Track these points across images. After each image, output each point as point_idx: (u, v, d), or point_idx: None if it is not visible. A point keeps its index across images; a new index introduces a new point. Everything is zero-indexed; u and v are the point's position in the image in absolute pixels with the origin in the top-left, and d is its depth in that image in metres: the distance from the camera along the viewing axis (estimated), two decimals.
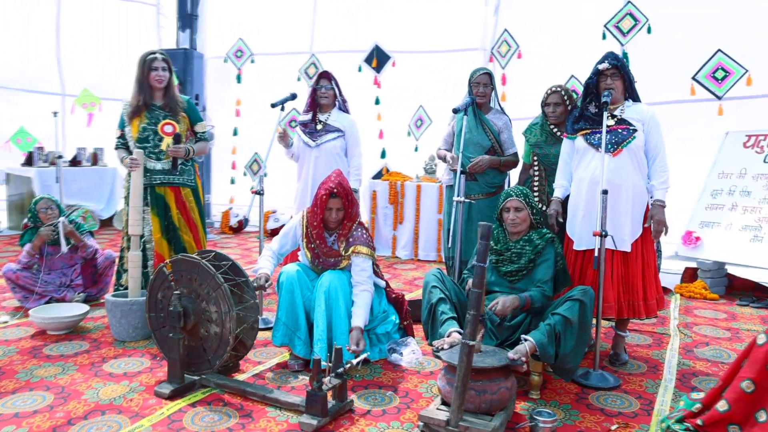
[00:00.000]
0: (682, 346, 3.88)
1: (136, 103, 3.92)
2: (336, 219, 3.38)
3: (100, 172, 8.23)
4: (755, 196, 5.16)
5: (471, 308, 2.42)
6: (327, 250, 3.41)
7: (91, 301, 4.50)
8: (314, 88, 4.45)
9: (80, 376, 3.17)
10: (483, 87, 3.96)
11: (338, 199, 3.34)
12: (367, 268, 3.39)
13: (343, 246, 3.39)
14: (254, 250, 7.01)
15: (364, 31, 7.68)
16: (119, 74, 8.72)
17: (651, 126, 3.42)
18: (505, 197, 3.24)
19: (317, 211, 3.36)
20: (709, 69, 5.80)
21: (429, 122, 7.34)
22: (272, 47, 8.33)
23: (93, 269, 4.51)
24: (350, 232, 3.42)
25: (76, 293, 4.40)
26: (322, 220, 3.37)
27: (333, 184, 3.33)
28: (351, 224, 3.43)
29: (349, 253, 3.37)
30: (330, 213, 3.36)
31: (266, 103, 8.17)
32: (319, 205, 3.34)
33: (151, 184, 3.93)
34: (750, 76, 5.61)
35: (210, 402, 2.89)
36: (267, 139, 8.16)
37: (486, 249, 2.41)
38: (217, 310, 2.95)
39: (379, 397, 3.00)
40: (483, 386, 2.57)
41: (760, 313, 4.74)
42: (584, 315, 2.87)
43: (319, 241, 3.41)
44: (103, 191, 8.21)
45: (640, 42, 6.05)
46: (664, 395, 3.09)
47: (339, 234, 3.42)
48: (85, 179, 7.98)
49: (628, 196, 3.36)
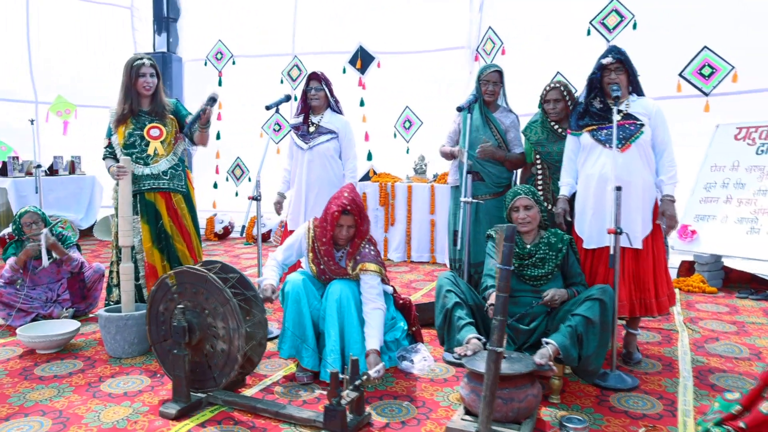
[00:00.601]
0: (692, 342, 3.82)
1: (122, 111, 3.73)
2: (346, 236, 3.21)
3: (78, 180, 7.94)
4: (749, 188, 5.14)
5: (497, 314, 2.30)
6: (335, 267, 3.24)
7: (80, 316, 4.29)
8: (304, 90, 4.30)
9: (77, 398, 2.97)
10: (492, 85, 3.85)
11: (351, 216, 3.17)
12: (376, 286, 3.22)
13: (350, 265, 3.23)
14: (243, 257, 6.82)
15: (348, 32, 7.54)
16: (94, 80, 8.46)
17: (657, 120, 3.35)
18: (513, 196, 3.14)
19: (327, 228, 3.18)
20: (696, 66, 5.79)
21: (419, 123, 7.23)
22: (253, 49, 8.15)
23: (81, 284, 4.29)
24: (358, 249, 3.25)
25: (64, 309, 4.18)
26: (332, 237, 3.20)
27: (346, 201, 3.15)
28: (360, 242, 3.25)
29: (356, 272, 3.20)
30: (341, 230, 3.18)
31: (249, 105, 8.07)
32: (330, 221, 3.16)
33: (140, 190, 3.74)
34: (736, 72, 5.62)
35: (220, 421, 2.73)
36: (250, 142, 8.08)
37: (511, 251, 2.29)
38: (225, 326, 2.79)
39: (396, 408, 2.86)
40: (510, 394, 2.46)
41: (761, 305, 4.72)
42: (605, 314, 2.78)
43: (327, 258, 3.23)
44: (82, 201, 7.92)
45: (626, 38, 6.00)
46: (685, 394, 3.02)
47: (348, 252, 3.25)
48: (62, 189, 7.68)
49: (638, 193, 3.28)
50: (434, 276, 5.79)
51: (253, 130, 8.10)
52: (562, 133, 3.72)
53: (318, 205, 4.24)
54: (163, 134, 3.72)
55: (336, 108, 4.38)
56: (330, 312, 3.16)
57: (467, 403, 2.54)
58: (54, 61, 8.32)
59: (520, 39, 6.58)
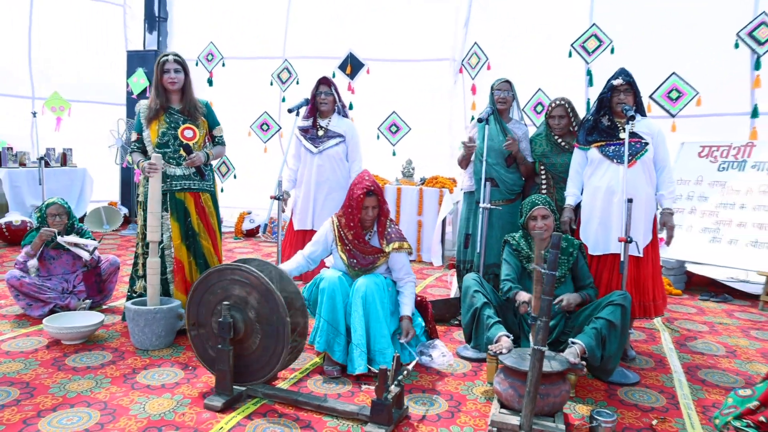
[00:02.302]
0: (675, 341, 3.96)
1: (154, 107, 3.60)
2: (372, 217, 3.28)
3: (70, 173, 7.62)
4: (712, 201, 5.37)
5: (542, 315, 2.34)
6: (365, 247, 3.29)
7: (95, 308, 4.13)
8: (314, 94, 4.24)
9: (117, 389, 2.86)
10: (504, 93, 3.89)
11: (374, 197, 3.25)
12: (407, 262, 3.37)
13: (384, 243, 3.30)
14: (236, 251, 6.68)
15: (338, 39, 7.45)
16: (88, 76, 8.14)
17: (659, 140, 3.47)
18: (531, 206, 3.18)
19: (354, 212, 3.24)
20: (665, 89, 6.00)
21: (407, 129, 7.21)
22: (244, 51, 7.96)
23: (97, 276, 4.12)
24: (386, 228, 3.34)
25: (81, 300, 4.01)
26: (359, 220, 3.25)
27: (369, 182, 3.25)
28: (386, 221, 3.34)
29: (390, 249, 3.28)
30: (366, 212, 3.25)
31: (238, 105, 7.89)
32: (356, 205, 3.22)
33: (171, 190, 3.63)
34: (700, 97, 5.85)
35: (264, 414, 2.68)
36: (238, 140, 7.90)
37: (556, 258, 2.33)
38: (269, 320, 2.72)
39: (428, 402, 2.87)
40: (546, 390, 2.50)
41: (722, 307, 4.94)
42: (625, 319, 2.86)
43: (358, 240, 3.28)
44: (73, 192, 7.60)
45: (604, 62, 6.17)
46: (682, 389, 3.14)
47: (378, 232, 3.33)
48: (54, 180, 7.34)
49: (641, 205, 3.38)
50: (423, 274, 5.82)
51: (241, 130, 7.94)
52: (565, 146, 3.80)
53: (326, 207, 4.20)
54: (197, 136, 3.61)
55: (343, 112, 4.34)
56: (356, 308, 3.15)
57: (504, 398, 2.57)
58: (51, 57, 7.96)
59: (503, 55, 6.64)
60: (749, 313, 4.78)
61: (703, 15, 5.76)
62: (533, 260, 3.18)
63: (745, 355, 3.75)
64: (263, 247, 7.01)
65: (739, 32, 5.62)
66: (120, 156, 7.64)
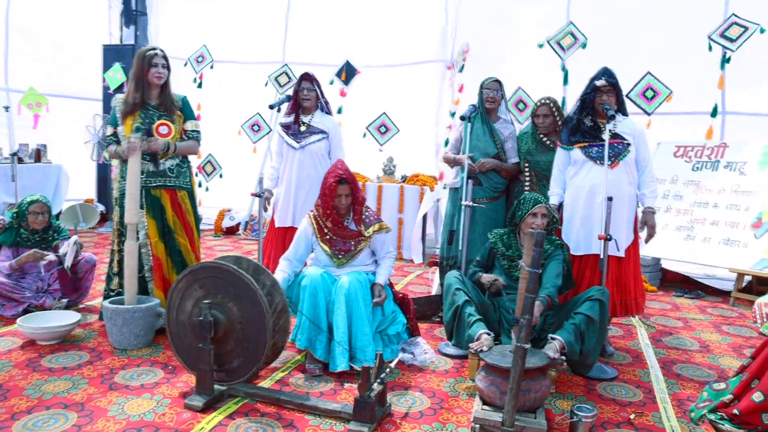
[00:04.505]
0: (651, 336, 4.02)
1: (132, 101, 3.52)
2: (346, 205, 3.31)
3: (44, 169, 7.42)
4: (686, 200, 5.47)
5: (525, 313, 2.35)
6: (345, 231, 3.33)
7: (72, 307, 4.04)
8: (296, 90, 4.20)
9: (95, 390, 2.80)
10: (493, 92, 3.90)
11: (347, 185, 3.28)
12: (387, 240, 3.46)
13: (362, 228, 3.34)
14: (216, 249, 6.60)
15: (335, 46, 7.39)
16: (67, 70, 7.94)
17: (641, 140, 3.50)
18: (534, 203, 3.17)
19: (327, 200, 3.27)
20: (641, 88, 6.08)
21: (395, 130, 7.19)
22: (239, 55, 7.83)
23: (73, 275, 4.03)
24: (363, 215, 3.38)
25: (56, 299, 3.92)
26: (333, 206, 3.28)
27: (341, 171, 3.29)
28: (361, 208, 3.38)
29: (370, 232, 3.33)
30: (340, 199, 3.28)
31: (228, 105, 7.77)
32: (329, 193, 3.26)
33: (147, 186, 3.56)
34: (671, 96, 5.94)
35: (246, 413, 2.64)
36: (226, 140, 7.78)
37: (539, 256, 2.34)
38: (249, 319, 2.69)
39: (411, 399, 2.87)
40: (528, 386, 2.51)
41: (696, 303, 5.03)
42: (603, 314, 2.89)
43: (336, 226, 3.32)
44: (48, 189, 7.40)
45: (579, 59, 6.22)
46: (658, 383, 3.18)
47: (354, 219, 3.37)
48: (28, 177, 7.15)
49: (624, 206, 3.41)
50: (404, 271, 5.82)
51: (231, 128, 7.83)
52: (549, 144, 3.82)
53: (307, 203, 4.16)
54: (172, 132, 3.54)
55: (326, 108, 4.31)
56: (338, 305, 3.13)
57: (486, 395, 2.57)
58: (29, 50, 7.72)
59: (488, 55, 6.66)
60: (720, 308, 4.88)
61: (676, 15, 5.85)
62: (508, 257, 3.20)
63: (718, 349, 3.82)
64: (243, 244, 6.94)
65: (710, 35, 5.71)
66: (96, 152, 7.49)
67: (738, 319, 4.58)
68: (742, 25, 5.58)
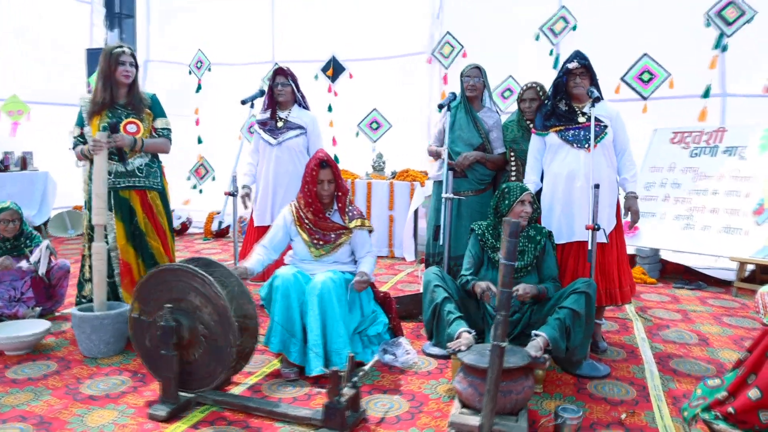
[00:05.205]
0: (647, 330, 3.86)
1: (100, 101, 3.39)
2: (329, 192, 3.16)
3: (31, 176, 7.33)
4: (685, 187, 5.29)
5: (501, 309, 2.20)
6: (327, 223, 3.19)
7: (46, 315, 3.92)
8: (270, 85, 4.07)
9: (57, 401, 2.68)
10: (473, 79, 3.75)
11: (329, 169, 3.13)
12: (368, 238, 3.32)
13: (346, 219, 3.21)
14: (203, 252, 6.48)
15: (321, 41, 7.25)
16: (49, 76, 7.84)
17: (618, 123, 3.36)
18: (522, 190, 3.02)
19: (310, 187, 3.14)
20: (636, 71, 5.90)
21: (388, 126, 7.04)
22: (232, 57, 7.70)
23: (46, 282, 3.91)
24: (347, 206, 3.24)
25: (29, 308, 3.80)
26: (316, 194, 3.14)
27: (322, 155, 3.16)
28: (345, 197, 3.24)
29: (353, 225, 3.19)
30: (322, 185, 3.13)
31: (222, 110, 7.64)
32: (311, 180, 3.12)
33: (115, 188, 3.43)
34: (672, 79, 5.76)
35: (212, 422, 2.51)
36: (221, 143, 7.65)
37: (515, 247, 2.19)
38: (215, 323, 2.56)
39: (388, 403, 2.73)
40: (508, 387, 2.36)
41: (696, 294, 4.86)
42: (590, 307, 2.73)
43: (318, 217, 3.18)
44: (35, 197, 7.31)
45: (570, 43, 6.04)
46: (653, 380, 3.02)
47: (339, 209, 3.24)
48: (13, 185, 7.07)
49: (604, 190, 3.25)
50: (395, 269, 5.68)
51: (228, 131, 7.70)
52: None
53: (286, 200, 4.02)
54: (141, 131, 3.41)
55: (303, 103, 4.18)
56: (311, 306, 2.98)
57: (464, 398, 2.43)
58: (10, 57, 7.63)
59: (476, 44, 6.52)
60: (722, 299, 4.71)
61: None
62: (499, 250, 3.04)
63: (718, 342, 3.65)
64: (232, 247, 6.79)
65: (708, 11, 5.53)
66: None
67: (740, 309, 4.41)
68: (739, 6, 5.39)
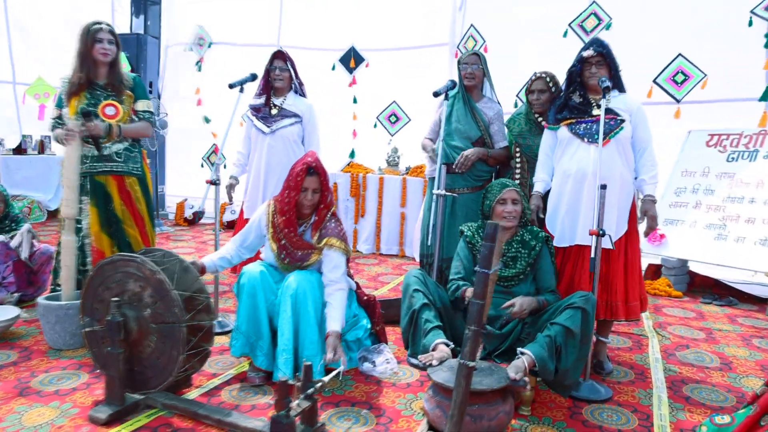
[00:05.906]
0: (663, 349, 3.49)
1: (77, 81, 3.23)
2: (311, 202, 2.80)
3: (47, 160, 7.35)
4: (719, 194, 4.85)
5: (471, 322, 1.91)
6: (297, 240, 2.81)
7: (27, 301, 3.80)
8: (267, 69, 3.83)
9: (2, 395, 2.51)
10: (471, 67, 3.45)
11: (316, 177, 2.78)
12: (341, 265, 2.82)
13: (316, 237, 2.83)
14: (210, 243, 6.33)
15: (334, 29, 7.04)
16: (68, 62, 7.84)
17: (638, 118, 3.00)
18: (501, 187, 2.74)
19: (291, 193, 2.77)
20: (670, 72, 5.49)
21: (406, 119, 6.79)
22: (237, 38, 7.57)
23: (28, 267, 3.79)
24: (324, 222, 2.86)
25: (9, 293, 3.68)
26: (296, 203, 2.79)
27: (311, 159, 2.80)
28: (326, 212, 2.87)
29: (322, 245, 2.80)
30: (306, 194, 2.77)
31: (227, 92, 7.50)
32: (294, 185, 2.76)
33: (90, 172, 3.25)
34: (707, 80, 5.33)
35: (155, 428, 2.30)
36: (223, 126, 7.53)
37: (491, 252, 1.90)
38: (165, 319, 2.35)
39: (353, 417, 2.46)
40: (480, 411, 2.07)
41: (726, 312, 4.43)
42: (586, 325, 2.40)
43: (288, 230, 2.81)
44: (51, 181, 7.33)
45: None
46: (660, 408, 2.67)
47: (314, 222, 2.85)
48: (30, 168, 7.11)
49: (615, 190, 2.91)
50: (402, 270, 5.40)
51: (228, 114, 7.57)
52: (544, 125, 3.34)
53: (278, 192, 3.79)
54: (120, 113, 3.24)
55: (300, 90, 3.93)
56: (284, 307, 2.72)
57: (431, 419, 2.15)
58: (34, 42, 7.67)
59: (500, 38, 6.20)
60: (754, 318, 4.27)
61: None
62: None
63: (742, 367, 3.26)
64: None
65: (753, 9, 5.07)
66: None
67: None
68: None
